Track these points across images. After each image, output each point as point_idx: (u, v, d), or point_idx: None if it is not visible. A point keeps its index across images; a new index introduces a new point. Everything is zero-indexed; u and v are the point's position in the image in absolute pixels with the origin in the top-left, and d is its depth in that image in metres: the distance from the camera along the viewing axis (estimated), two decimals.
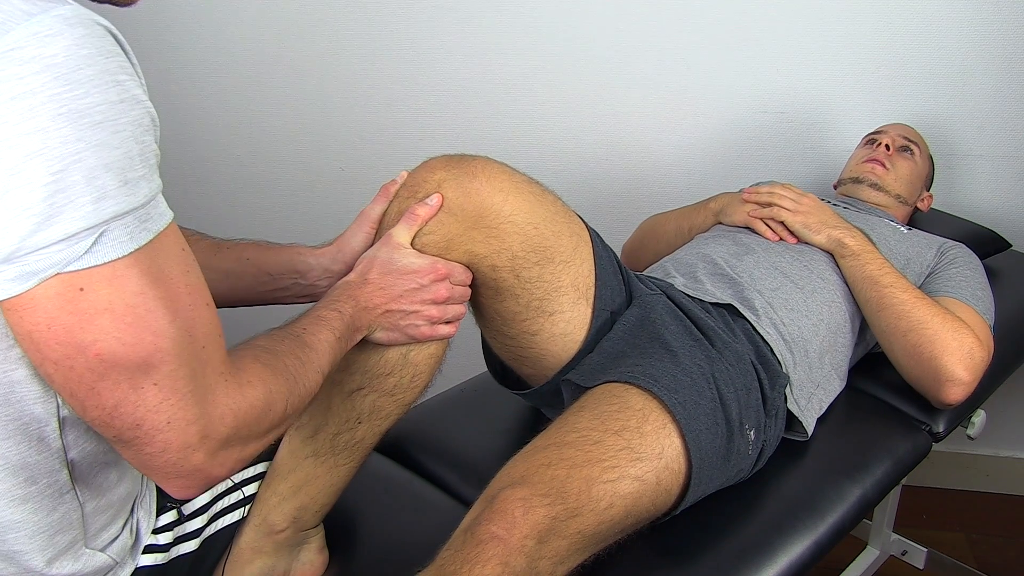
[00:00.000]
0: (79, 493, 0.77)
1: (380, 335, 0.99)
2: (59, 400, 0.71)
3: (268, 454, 1.03)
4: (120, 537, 0.85)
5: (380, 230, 1.06)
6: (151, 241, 0.63)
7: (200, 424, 0.67)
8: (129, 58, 0.63)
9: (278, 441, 1.02)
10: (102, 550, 0.82)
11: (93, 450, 0.77)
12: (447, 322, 1.01)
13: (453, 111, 2.00)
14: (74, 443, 0.75)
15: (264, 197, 2.17)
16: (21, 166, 0.57)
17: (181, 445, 0.67)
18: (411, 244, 1.00)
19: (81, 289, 0.61)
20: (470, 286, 1.04)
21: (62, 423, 0.72)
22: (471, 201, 0.99)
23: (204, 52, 2.04)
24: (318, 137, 2.08)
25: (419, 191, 1.01)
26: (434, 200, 0.99)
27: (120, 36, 0.63)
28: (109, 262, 0.61)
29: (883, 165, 1.65)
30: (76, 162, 0.58)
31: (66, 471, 0.75)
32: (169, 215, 0.66)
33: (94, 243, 0.60)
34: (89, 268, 0.60)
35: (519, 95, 1.96)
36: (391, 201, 1.05)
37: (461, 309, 1.03)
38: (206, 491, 0.73)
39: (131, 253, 0.62)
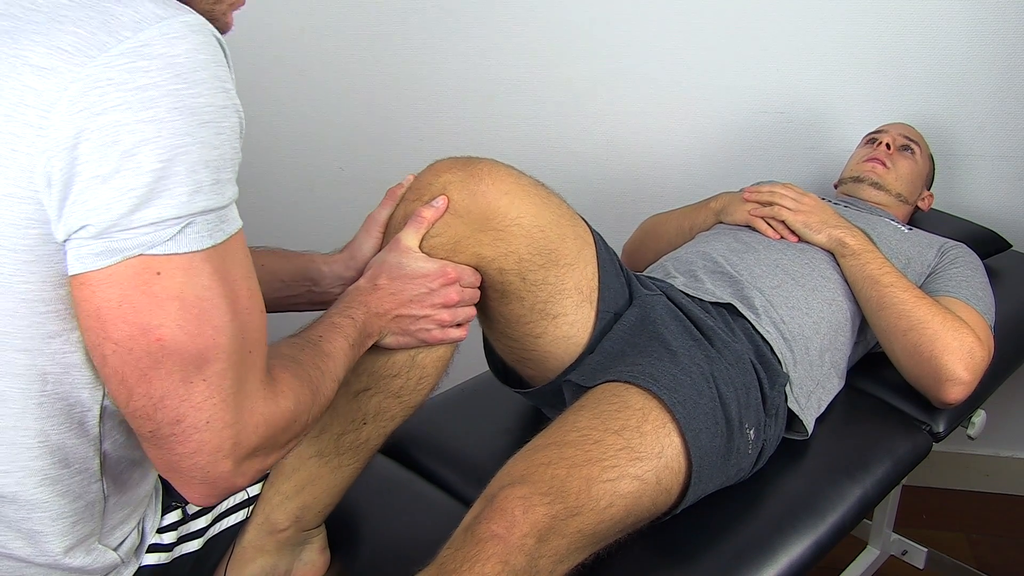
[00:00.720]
0: (105, 485, 0.79)
1: (391, 339, 0.99)
2: (105, 388, 0.73)
3: None
4: (130, 537, 0.86)
5: (387, 234, 1.06)
6: (225, 241, 0.67)
7: (235, 429, 0.69)
8: (231, 70, 0.67)
9: None
10: (114, 548, 0.83)
11: (124, 443, 0.78)
12: (457, 325, 1.02)
13: (453, 111, 2.00)
14: (109, 433, 0.76)
15: (264, 197, 2.17)
16: (136, 149, 0.61)
17: (214, 448, 0.68)
18: (419, 247, 1.00)
19: (158, 273, 0.64)
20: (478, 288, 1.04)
21: (103, 411, 0.74)
22: (477, 204, 0.99)
23: None
24: (318, 137, 2.08)
25: (425, 194, 1.01)
26: (440, 202, 1.00)
27: (227, 49, 0.67)
28: (188, 252, 0.65)
29: (884, 164, 1.65)
30: (183, 154, 0.63)
31: (98, 460, 0.77)
32: (240, 222, 0.69)
33: (179, 232, 0.64)
34: (170, 255, 0.64)
35: (519, 95, 1.96)
36: (397, 205, 1.05)
37: (471, 312, 1.04)
38: (224, 500, 0.74)
39: (208, 248, 0.66)
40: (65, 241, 0.64)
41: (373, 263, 1.02)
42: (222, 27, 0.78)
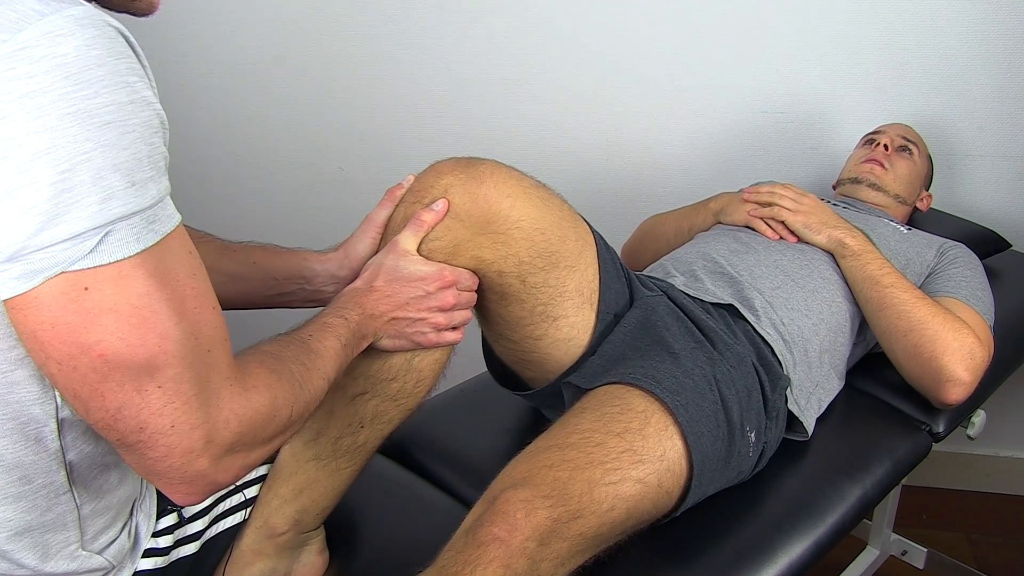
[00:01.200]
0: (76, 495, 0.77)
1: (386, 342, 0.99)
2: (58, 402, 0.71)
3: (270, 457, 1.02)
4: (118, 540, 0.85)
5: (386, 235, 1.05)
6: (158, 243, 0.63)
7: (204, 429, 0.67)
8: (140, 60, 0.63)
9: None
10: (99, 552, 0.82)
11: (92, 451, 0.77)
12: (453, 328, 1.01)
13: (453, 111, 2.00)
14: (72, 444, 0.74)
15: (264, 197, 2.17)
16: (29, 164, 0.57)
17: (185, 450, 0.66)
18: (417, 250, 0.99)
19: (86, 288, 0.60)
20: (476, 291, 1.04)
21: (60, 424, 0.72)
22: (478, 207, 0.99)
23: (204, 52, 2.04)
24: (318, 137, 2.08)
25: (425, 196, 1.00)
26: (440, 205, 0.99)
27: (131, 38, 0.63)
28: (114, 262, 0.61)
29: (882, 165, 1.65)
30: (84, 162, 0.58)
31: (64, 472, 0.75)
32: (177, 218, 0.66)
33: (99, 243, 0.60)
34: (94, 267, 0.60)
35: (519, 95, 1.96)
36: (397, 206, 1.04)
37: (467, 315, 1.03)
38: (209, 497, 0.72)
39: (137, 254, 0.62)
40: None
41: (370, 265, 1.01)
42: (146, 7, 0.74)
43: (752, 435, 1.09)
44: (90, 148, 0.58)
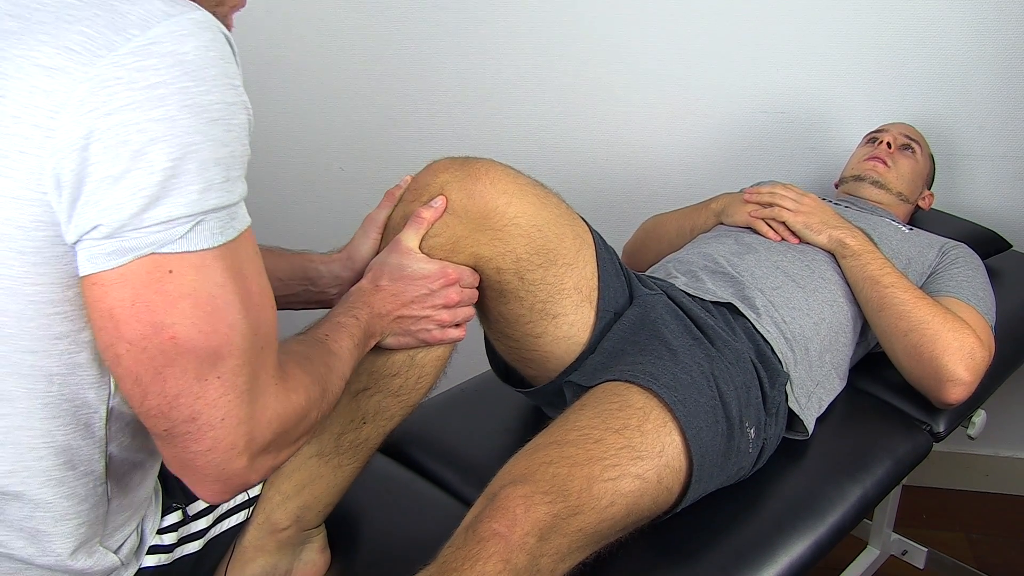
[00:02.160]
0: (109, 488, 0.78)
1: (392, 340, 1.00)
2: (111, 389, 0.73)
3: None
4: (130, 539, 0.85)
5: (386, 235, 1.07)
6: (235, 239, 0.67)
7: (249, 425, 0.69)
8: (239, 67, 0.67)
9: None
10: (114, 551, 0.83)
11: (129, 445, 0.78)
12: (456, 325, 1.03)
13: (453, 111, 2.00)
14: (115, 436, 0.76)
15: (264, 197, 2.17)
16: (147, 148, 0.61)
17: (228, 445, 0.68)
18: (418, 247, 1.01)
19: (170, 271, 0.64)
20: (477, 288, 1.05)
21: (109, 413, 0.74)
22: (475, 203, 1.00)
23: None
24: (318, 137, 2.08)
25: (423, 194, 1.02)
26: (439, 202, 1.00)
27: (235, 46, 0.67)
28: (199, 250, 0.64)
29: (885, 163, 1.65)
30: (194, 152, 0.62)
31: (103, 462, 0.76)
32: (249, 219, 0.69)
33: (190, 230, 0.63)
34: (181, 253, 0.64)
35: (519, 95, 1.96)
36: (396, 205, 1.06)
37: (470, 312, 1.04)
38: (233, 496, 0.75)
39: (219, 246, 0.65)
40: (76, 243, 0.63)
41: (374, 264, 1.02)
42: (225, 12, 0.79)
43: (752, 431, 1.09)
44: (200, 140, 0.63)
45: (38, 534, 0.75)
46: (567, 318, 1.10)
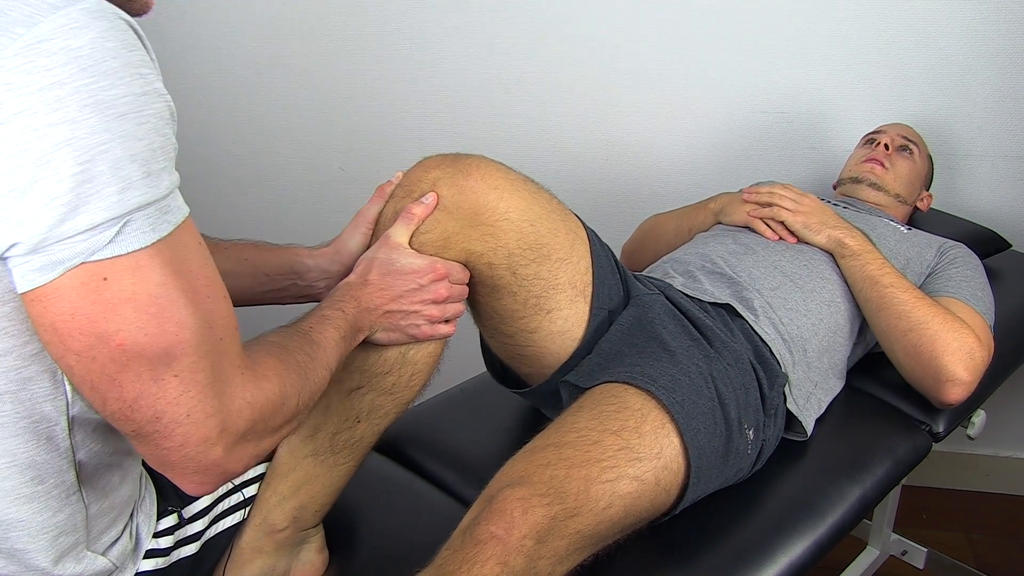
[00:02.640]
0: (85, 495, 0.77)
1: (381, 335, 0.99)
2: (68, 398, 0.71)
3: (268, 455, 1.03)
4: (120, 541, 0.85)
5: (377, 230, 1.06)
6: (171, 233, 0.64)
7: (219, 417, 0.68)
8: (148, 52, 0.64)
9: None
10: (103, 553, 0.82)
11: (100, 450, 0.77)
12: (446, 321, 1.02)
13: (453, 111, 2.00)
14: (82, 443, 0.75)
15: (264, 197, 2.17)
16: (50, 156, 0.57)
17: (200, 439, 0.67)
18: (409, 243, 1.00)
19: (105, 279, 0.61)
20: (468, 284, 1.05)
21: (71, 423, 0.73)
22: (466, 199, 1.00)
23: (204, 52, 2.04)
24: (318, 137, 2.08)
25: (415, 190, 1.02)
26: (429, 199, 1.00)
27: (140, 30, 0.63)
28: (132, 252, 0.62)
29: (882, 165, 1.65)
30: (103, 152, 0.59)
31: (74, 472, 0.75)
32: (186, 209, 0.66)
33: (118, 233, 0.61)
34: (113, 258, 0.61)
35: (519, 95, 1.96)
36: (387, 201, 1.06)
37: (460, 308, 1.04)
38: (221, 486, 0.74)
39: (153, 244, 0.63)
40: (2, 259, 0.60)
41: (363, 259, 1.02)
42: (140, 7, 0.74)
43: (750, 432, 1.09)
44: (108, 139, 0.59)
45: (16, 552, 0.74)
46: (561, 313, 1.10)
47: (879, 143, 1.68)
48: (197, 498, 0.94)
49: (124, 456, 0.82)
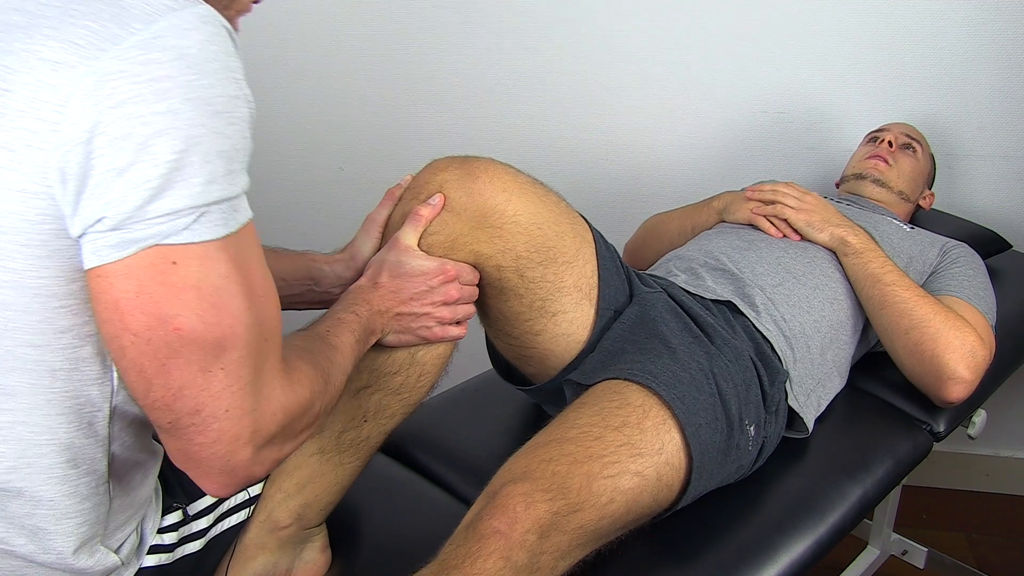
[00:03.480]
0: (112, 488, 0.79)
1: (392, 338, 1.00)
2: (114, 386, 0.73)
3: None
4: (130, 539, 0.85)
5: (386, 234, 1.07)
6: (238, 230, 0.67)
7: (254, 417, 0.69)
8: (240, 60, 0.67)
9: None
10: (115, 551, 0.83)
11: (131, 445, 0.79)
12: (457, 322, 1.03)
13: (453, 111, 2.00)
14: (118, 435, 0.76)
15: (264, 197, 2.16)
16: (151, 141, 0.61)
17: (233, 437, 0.68)
18: (418, 245, 1.01)
19: (174, 263, 0.64)
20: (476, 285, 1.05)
21: (112, 412, 0.74)
22: (475, 201, 1.00)
23: None
24: (318, 137, 2.08)
25: (422, 193, 1.02)
26: (437, 200, 1.01)
27: (237, 39, 0.68)
28: (203, 242, 0.64)
29: (886, 161, 1.65)
30: (197, 143, 0.63)
31: (106, 462, 0.77)
32: (250, 212, 0.69)
33: (194, 221, 0.64)
34: (186, 244, 0.64)
35: (519, 95, 1.96)
36: (395, 204, 1.06)
37: (470, 309, 1.05)
38: (240, 490, 0.75)
39: (223, 237, 0.65)
40: (81, 236, 0.63)
41: (373, 262, 1.03)
42: (235, 14, 0.80)
43: (751, 429, 1.09)
44: (203, 132, 0.63)
45: (39, 532, 0.75)
46: (567, 315, 1.10)
47: (883, 140, 1.68)
48: (202, 495, 0.94)
49: (149, 456, 0.83)
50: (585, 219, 1.13)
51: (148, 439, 0.81)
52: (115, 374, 0.72)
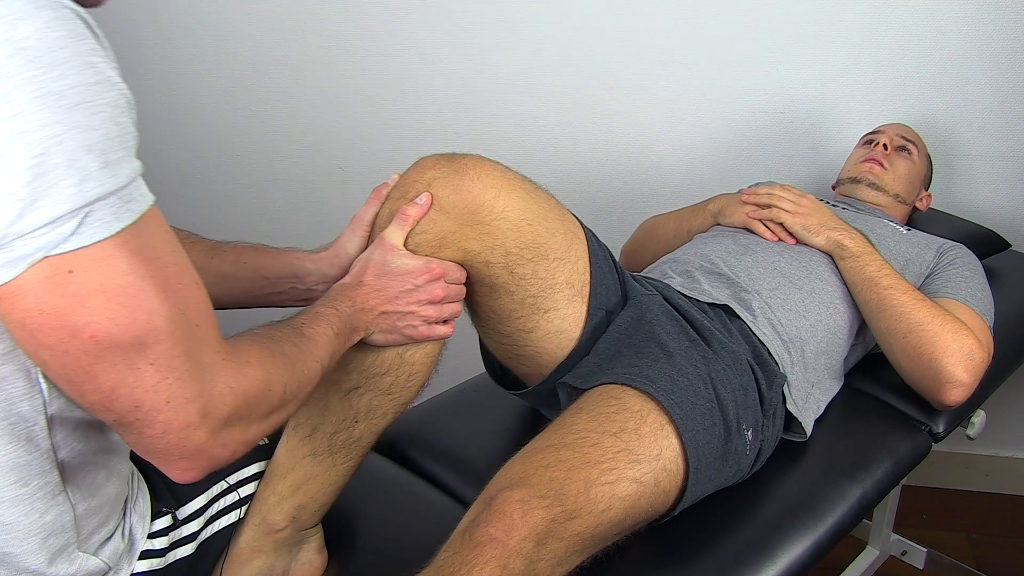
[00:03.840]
0: (71, 495, 0.77)
1: (378, 337, 0.99)
2: (45, 397, 0.71)
3: (265, 453, 1.03)
4: (112, 540, 0.84)
5: (373, 232, 1.06)
6: (136, 222, 0.63)
7: (200, 402, 0.67)
8: (100, 41, 0.62)
9: (275, 441, 1.03)
10: (94, 554, 0.82)
11: (83, 449, 0.77)
12: (444, 322, 1.02)
13: (453, 111, 2.00)
14: (63, 443, 0.74)
15: (263, 197, 2.17)
16: (2, 151, 0.56)
17: (182, 424, 0.66)
18: (404, 244, 1.01)
19: (70, 271, 0.60)
20: (465, 284, 1.05)
21: (50, 422, 0.72)
22: (463, 198, 1.00)
23: (204, 52, 2.04)
24: (318, 137, 2.08)
25: (410, 191, 1.02)
26: (424, 199, 1.00)
27: (90, 19, 0.62)
28: (96, 243, 0.60)
29: (881, 164, 1.65)
30: (57, 144, 0.57)
31: (57, 472, 0.75)
32: (151, 197, 0.65)
33: (79, 225, 0.59)
34: (76, 250, 0.60)
35: (519, 95, 1.96)
36: (383, 203, 1.06)
37: (457, 308, 1.04)
38: (210, 473, 0.72)
39: (117, 233, 0.61)
40: None
41: (359, 261, 1.02)
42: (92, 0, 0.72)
43: (749, 433, 1.09)
44: (62, 131, 0.58)
45: (6, 556, 0.74)
46: (559, 312, 1.10)
47: (878, 143, 1.68)
48: (192, 499, 0.94)
49: (109, 454, 0.81)
50: (576, 217, 1.13)
51: (102, 438, 0.79)
52: (44, 385, 0.70)
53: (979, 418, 1.43)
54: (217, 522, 0.98)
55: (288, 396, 0.79)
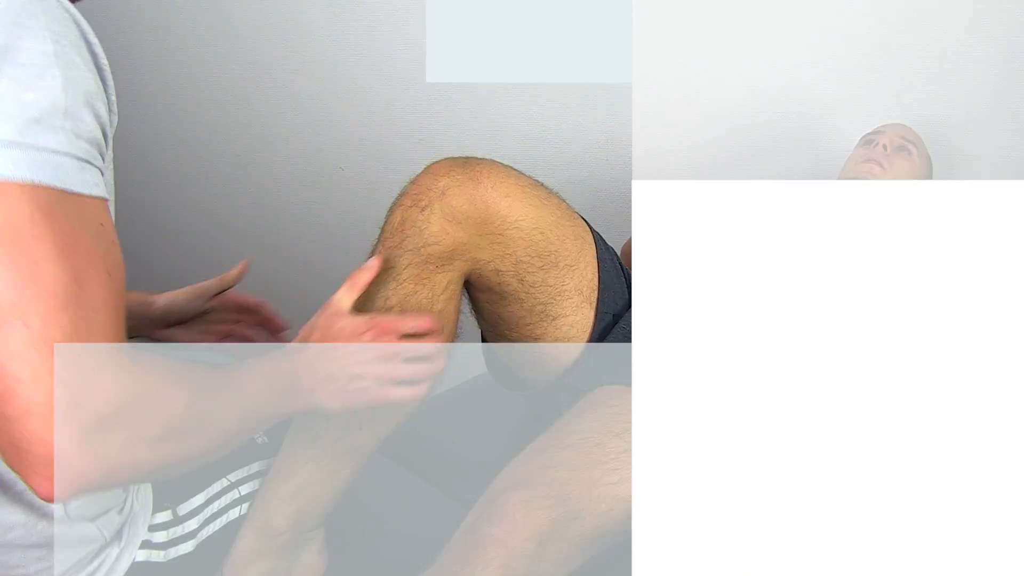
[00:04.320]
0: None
1: (335, 404, 0.89)
2: None
3: (265, 452, 1.03)
4: (109, 514, 0.84)
5: (383, 238, 1.03)
6: (58, 189, 0.60)
7: (73, 389, 0.59)
8: (87, 39, 0.64)
9: (276, 440, 1.03)
10: (92, 520, 0.82)
11: None
12: (419, 383, 0.92)
13: (453, 110, 1.99)
14: None
15: (264, 197, 2.17)
16: None
17: (45, 406, 0.58)
18: (421, 241, 0.98)
19: None
20: (474, 290, 1.04)
21: None
22: (477, 209, 0.99)
23: (204, 52, 2.04)
24: (318, 137, 2.08)
25: (422, 198, 1.00)
26: (373, 263, 0.96)
27: (83, 23, 0.64)
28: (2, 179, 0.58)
29: (880, 165, 1.64)
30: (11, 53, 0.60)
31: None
32: (100, 192, 0.64)
33: None
34: None
35: (519, 95, 1.96)
36: (394, 208, 1.02)
37: (425, 369, 0.93)
38: (73, 494, 0.61)
39: (28, 182, 0.59)
40: None
41: (305, 327, 0.93)
42: None
43: None
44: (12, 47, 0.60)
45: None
46: (567, 319, 1.10)
47: (877, 143, 1.67)
48: (191, 496, 0.94)
49: None
50: (586, 221, 1.13)
51: None
52: None
53: None
54: (216, 521, 0.97)
55: (190, 424, 0.69)
